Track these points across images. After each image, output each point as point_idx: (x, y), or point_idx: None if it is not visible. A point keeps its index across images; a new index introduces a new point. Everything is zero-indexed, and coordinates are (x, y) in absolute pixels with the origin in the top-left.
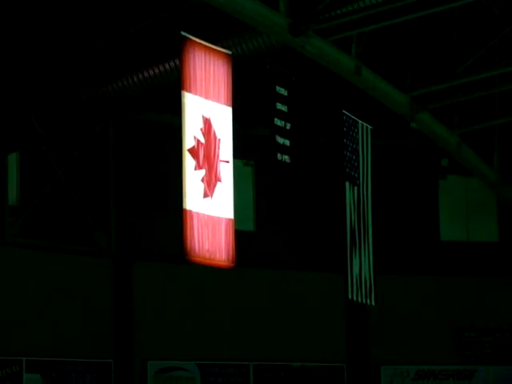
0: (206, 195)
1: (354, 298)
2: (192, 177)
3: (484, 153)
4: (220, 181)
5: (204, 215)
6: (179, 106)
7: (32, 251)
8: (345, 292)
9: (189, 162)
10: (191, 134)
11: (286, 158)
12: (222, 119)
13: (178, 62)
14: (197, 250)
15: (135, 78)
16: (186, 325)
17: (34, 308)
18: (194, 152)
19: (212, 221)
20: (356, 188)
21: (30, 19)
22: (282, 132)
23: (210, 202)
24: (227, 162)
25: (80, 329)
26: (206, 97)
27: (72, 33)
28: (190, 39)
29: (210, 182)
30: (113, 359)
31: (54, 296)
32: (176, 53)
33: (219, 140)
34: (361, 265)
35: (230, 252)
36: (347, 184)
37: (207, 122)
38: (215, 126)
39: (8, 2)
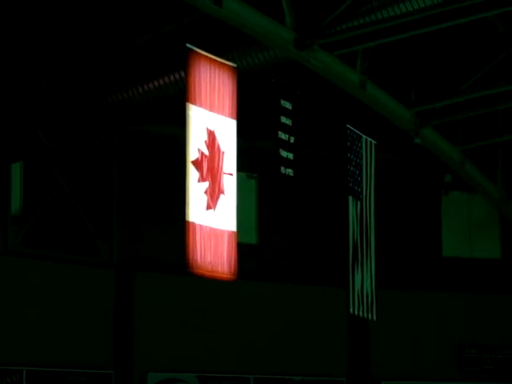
0: (209, 207)
1: (356, 313)
2: (195, 189)
3: (487, 169)
4: (223, 193)
5: (207, 227)
6: (184, 117)
7: (34, 261)
8: (347, 306)
9: (192, 173)
10: (195, 146)
11: (290, 171)
12: (227, 132)
13: (183, 73)
14: (199, 262)
15: (140, 90)
16: (186, 337)
17: (35, 318)
18: (197, 164)
19: (215, 233)
20: (359, 202)
21: (36, 30)
22: (286, 145)
23: (213, 215)
24: (231, 174)
25: (81, 339)
26: (211, 109)
27: (78, 44)
28: (196, 52)
29: (214, 194)
30: (113, 370)
31: (55, 306)
32: (181, 65)
33: (223, 152)
34: (363, 279)
35: (232, 264)
36: (350, 198)
37: (211, 135)
38: (219, 139)
39: (15, 15)
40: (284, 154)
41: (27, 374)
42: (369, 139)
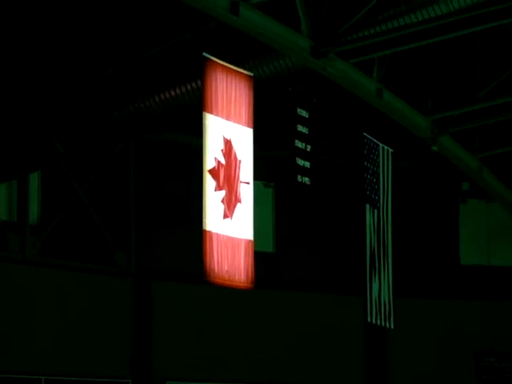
0: (225, 216)
1: (373, 321)
2: (212, 198)
3: (505, 177)
4: (240, 202)
5: (224, 236)
6: (200, 126)
7: (52, 270)
8: (364, 315)
9: (209, 182)
10: (212, 154)
11: (306, 179)
12: (243, 140)
13: (199, 82)
14: (216, 270)
15: (157, 99)
16: (204, 345)
17: (54, 327)
18: (214, 173)
19: (231, 242)
20: (376, 211)
21: (53, 39)
22: (303, 154)
23: (230, 223)
24: (247, 183)
25: (99, 348)
26: (228, 118)
27: (94, 54)
28: (212, 60)
29: (230, 203)
30: (131, 379)
31: (73, 315)
32: (198, 74)
33: (240, 161)
34: (380, 287)
35: (249, 273)
36: (367, 207)
37: (228, 143)
38: (236, 148)
39: (32, 25)
40: (301, 162)
41: (46, 383)
42: (386, 147)
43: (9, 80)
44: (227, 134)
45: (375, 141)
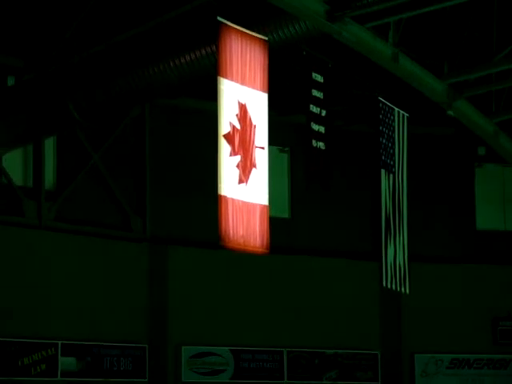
0: (241, 181)
1: (389, 286)
2: (227, 163)
3: None
4: (255, 167)
5: (239, 201)
6: (215, 91)
7: (68, 235)
8: (379, 279)
9: (224, 147)
10: (227, 119)
11: (321, 144)
12: (258, 105)
13: (214, 47)
14: (231, 235)
15: (172, 64)
16: (220, 310)
17: (70, 292)
18: (229, 138)
19: (247, 207)
20: (391, 176)
21: (67, 4)
22: (318, 119)
23: (245, 188)
24: (262, 148)
25: (115, 313)
26: (243, 83)
27: (109, 17)
28: (227, 25)
29: (245, 168)
30: (147, 344)
31: (89, 280)
32: (213, 38)
33: (255, 126)
34: (395, 252)
35: (265, 238)
36: (383, 171)
37: (243, 108)
38: (251, 112)
39: None
40: (315, 127)
41: (62, 348)
42: (401, 112)
43: (24, 44)
44: (242, 98)
45: (390, 105)
